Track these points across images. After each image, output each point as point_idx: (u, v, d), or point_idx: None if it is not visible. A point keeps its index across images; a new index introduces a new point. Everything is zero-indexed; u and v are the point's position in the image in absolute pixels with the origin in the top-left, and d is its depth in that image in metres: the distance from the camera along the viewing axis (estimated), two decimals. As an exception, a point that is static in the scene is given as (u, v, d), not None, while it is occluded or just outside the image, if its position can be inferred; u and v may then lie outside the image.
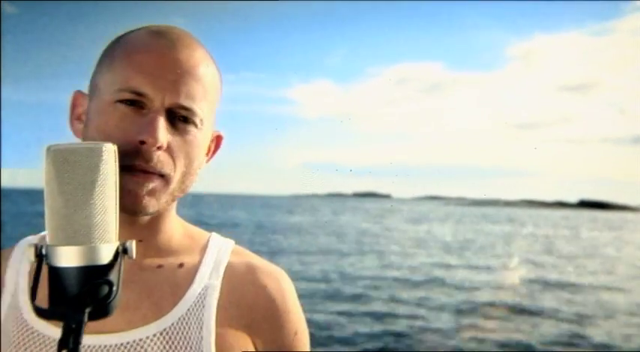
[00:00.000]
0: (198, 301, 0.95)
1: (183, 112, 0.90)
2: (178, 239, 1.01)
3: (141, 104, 0.88)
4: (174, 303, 0.94)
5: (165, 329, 0.91)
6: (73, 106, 0.97)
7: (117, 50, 0.93)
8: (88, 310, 0.70)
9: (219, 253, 1.03)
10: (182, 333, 0.92)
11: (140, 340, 0.90)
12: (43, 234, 0.98)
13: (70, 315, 0.69)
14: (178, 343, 0.91)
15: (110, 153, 0.75)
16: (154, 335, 0.90)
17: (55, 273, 0.72)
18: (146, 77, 0.88)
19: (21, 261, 0.97)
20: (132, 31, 0.95)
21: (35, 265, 0.74)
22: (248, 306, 0.99)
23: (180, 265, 0.98)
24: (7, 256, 0.99)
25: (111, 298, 0.71)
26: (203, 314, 0.94)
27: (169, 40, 0.92)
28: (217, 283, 0.98)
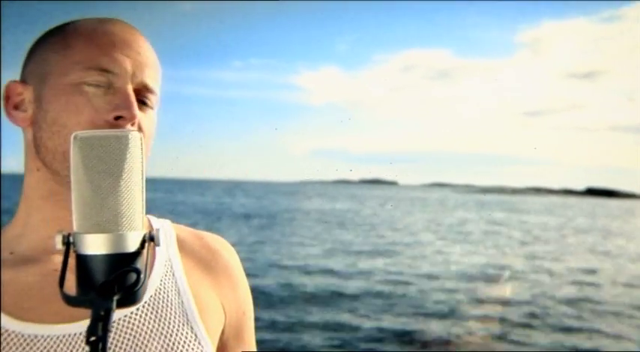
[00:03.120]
0: (167, 271, 0.99)
1: (147, 94, 0.93)
2: None
3: (107, 84, 0.89)
4: (146, 276, 0.93)
5: (147, 301, 0.94)
6: (8, 96, 0.94)
7: (70, 34, 0.92)
8: (116, 298, 0.69)
9: (165, 228, 1.06)
10: (164, 301, 0.95)
11: (126, 316, 0.91)
12: None
13: (99, 303, 0.68)
14: (163, 310, 0.94)
15: (136, 141, 0.75)
16: (138, 309, 0.92)
17: (83, 261, 0.71)
18: (114, 57, 0.89)
19: None
20: (79, 19, 0.96)
21: (63, 253, 0.74)
22: (208, 269, 1.05)
23: None
24: None
25: (138, 286, 0.71)
26: (176, 281, 0.98)
27: (128, 26, 0.95)
28: (176, 252, 1.03)
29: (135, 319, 0.92)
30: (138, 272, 0.72)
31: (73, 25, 0.94)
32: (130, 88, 0.90)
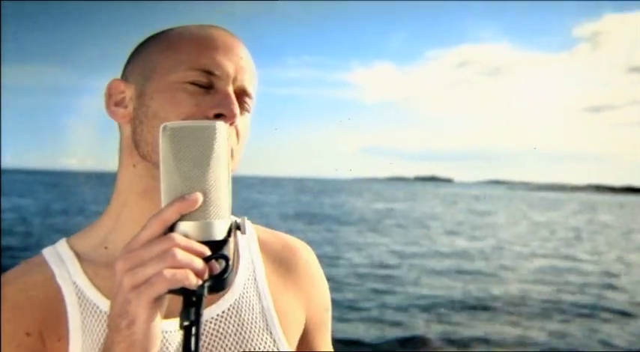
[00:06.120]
0: (249, 275, 1.02)
1: (245, 98, 0.95)
2: None
3: (209, 85, 0.92)
4: (234, 264, 0.92)
5: (231, 305, 0.97)
6: (111, 93, 0.97)
7: (174, 37, 0.96)
8: (207, 284, 0.71)
9: (247, 229, 1.06)
10: (246, 306, 0.98)
11: (213, 318, 0.95)
12: (61, 241, 1.00)
13: (190, 289, 0.70)
14: (245, 315, 0.98)
15: (223, 132, 0.76)
16: (223, 312, 0.96)
17: None
18: (217, 60, 0.92)
19: (64, 262, 0.96)
20: (182, 26, 0.99)
21: None
22: (290, 270, 1.08)
23: None
24: (41, 264, 0.96)
25: (227, 273, 0.73)
26: (257, 286, 1.01)
27: (229, 33, 0.98)
28: (257, 254, 1.05)
29: (221, 321, 0.96)
30: (227, 259, 0.74)
31: (176, 30, 0.98)
32: (230, 89, 0.92)
